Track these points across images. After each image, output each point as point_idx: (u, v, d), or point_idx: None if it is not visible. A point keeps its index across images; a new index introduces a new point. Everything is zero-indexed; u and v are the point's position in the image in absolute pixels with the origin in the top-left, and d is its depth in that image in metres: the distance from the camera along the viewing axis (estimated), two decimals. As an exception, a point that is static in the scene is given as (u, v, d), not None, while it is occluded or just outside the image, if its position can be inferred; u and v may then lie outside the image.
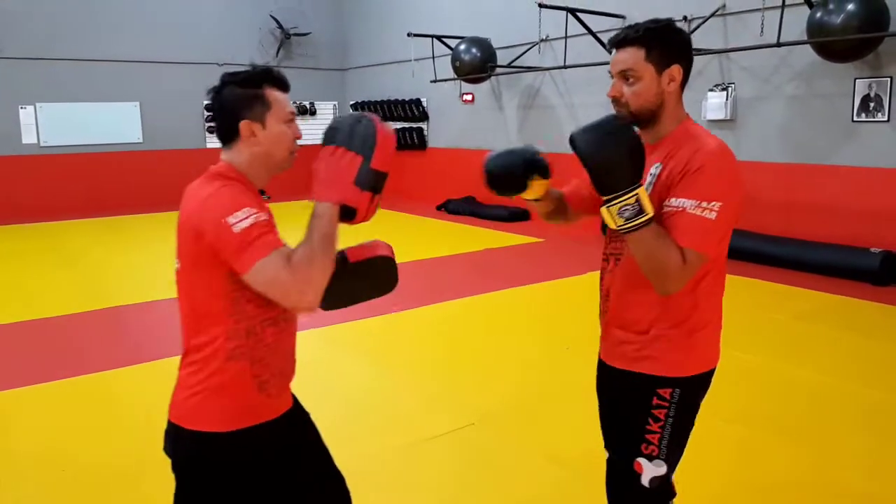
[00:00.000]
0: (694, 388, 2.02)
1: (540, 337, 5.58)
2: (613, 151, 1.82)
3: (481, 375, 4.75)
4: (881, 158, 7.23)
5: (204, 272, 1.78)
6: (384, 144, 1.82)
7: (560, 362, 4.96)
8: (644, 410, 2.00)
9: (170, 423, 1.88)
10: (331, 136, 1.85)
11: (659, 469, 2.00)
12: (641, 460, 2.00)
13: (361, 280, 2.06)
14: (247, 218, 1.70)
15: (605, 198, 1.84)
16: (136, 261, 8.82)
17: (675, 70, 1.92)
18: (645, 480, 2.01)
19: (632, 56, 1.91)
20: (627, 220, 1.81)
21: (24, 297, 7.01)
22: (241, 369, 1.82)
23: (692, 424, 2.07)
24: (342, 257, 1.98)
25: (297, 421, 2.04)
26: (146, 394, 4.51)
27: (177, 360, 1.91)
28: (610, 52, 2.03)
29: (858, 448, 3.62)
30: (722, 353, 2.11)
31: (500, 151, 2.27)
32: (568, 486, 3.32)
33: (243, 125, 1.84)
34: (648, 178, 1.94)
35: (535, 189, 2.17)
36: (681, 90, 1.98)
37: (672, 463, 2.04)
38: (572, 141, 1.86)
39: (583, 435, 3.77)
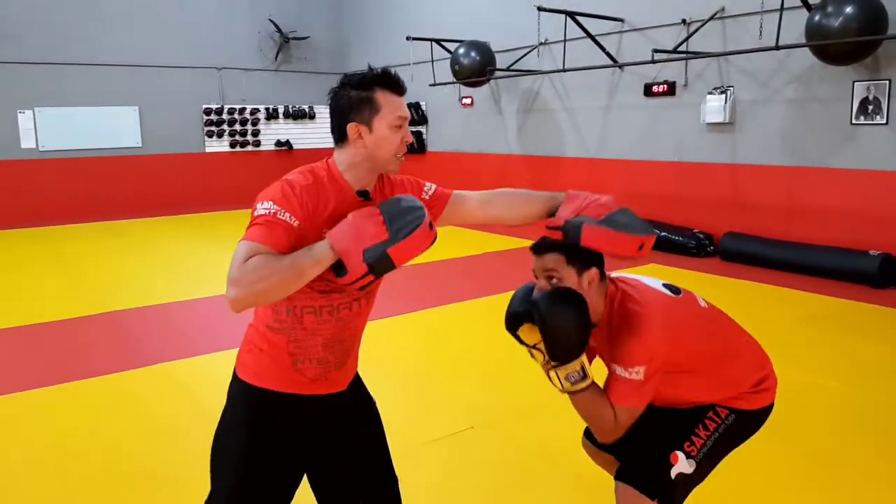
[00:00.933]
0: (746, 420, 2.37)
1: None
2: (572, 325, 2.09)
3: (480, 379, 4.75)
4: (880, 161, 7.23)
5: None
6: (416, 241, 1.80)
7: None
8: (700, 418, 2.31)
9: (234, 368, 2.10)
10: (387, 203, 1.84)
11: (689, 467, 2.24)
12: (679, 453, 2.25)
13: None
14: (268, 209, 1.78)
15: (553, 362, 2.15)
16: (136, 265, 8.81)
17: (593, 273, 2.19)
18: (673, 472, 2.23)
19: (554, 260, 2.18)
20: (573, 384, 2.15)
21: (24, 301, 7.01)
22: (279, 342, 1.97)
23: (731, 449, 2.38)
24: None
25: (345, 408, 2.13)
26: (145, 397, 4.50)
27: (177, 363, 1.92)
28: (532, 253, 2.27)
29: (857, 451, 3.62)
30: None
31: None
32: (568, 490, 3.31)
33: (350, 127, 1.90)
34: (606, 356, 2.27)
35: (528, 336, 2.27)
36: (601, 284, 2.24)
37: (701, 472, 2.29)
38: (535, 305, 2.13)
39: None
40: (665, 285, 2.37)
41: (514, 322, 2.28)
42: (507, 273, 8.02)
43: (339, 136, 1.94)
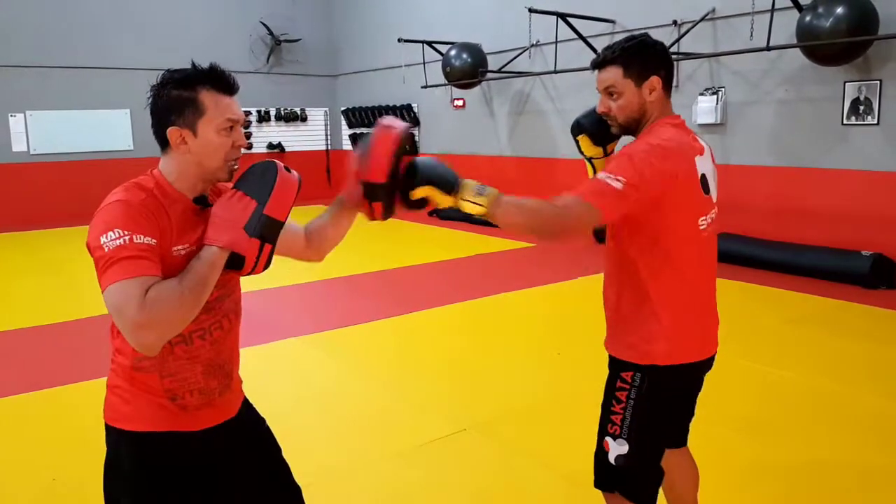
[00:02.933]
0: (660, 377, 2.13)
1: (532, 342, 5.57)
2: (437, 169, 2.02)
3: (473, 381, 4.74)
4: (871, 162, 7.26)
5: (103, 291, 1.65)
6: (282, 190, 1.72)
7: (552, 367, 4.95)
8: (610, 393, 2.19)
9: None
10: (240, 179, 1.76)
11: (622, 448, 2.13)
12: (608, 439, 2.16)
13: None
14: (119, 238, 1.57)
15: (452, 197, 2.00)
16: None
17: (655, 81, 2.10)
18: (611, 458, 2.15)
19: (612, 74, 2.11)
20: (485, 195, 1.98)
21: (14, 305, 6.98)
22: (150, 380, 1.77)
23: (664, 411, 2.19)
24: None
25: (237, 433, 1.94)
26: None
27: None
28: (594, 69, 2.19)
29: (849, 452, 3.63)
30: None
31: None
32: (560, 492, 3.31)
33: (171, 132, 1.72)
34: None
35: (586, 147, 2.34)
36: (666, 95, 2.16)
37: (639, 446, 2.14)
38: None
39: (575, 440, 3.76)
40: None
41: (575, 130, 2.37)
42: (496, 276, 8.02)
43: (161, 141, 1.76)
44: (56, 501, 3.32)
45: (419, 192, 2.00)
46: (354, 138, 15.36)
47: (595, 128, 2.31)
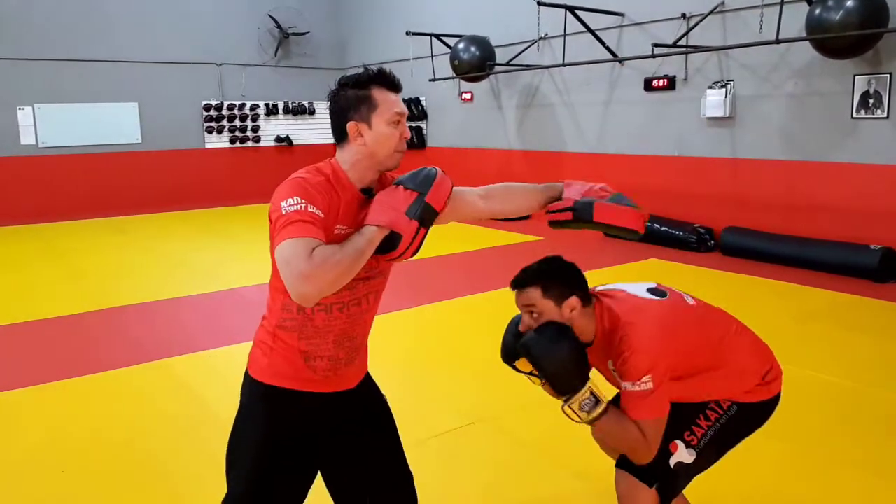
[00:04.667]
0: (750, 411, 2.38)
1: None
2: (565, 357, 2.16)
3: (480, 375, 4.75)
4: (880, 155, 7.22)
5: (273, 248, 1.86)
6: (441, 185, 1.96)
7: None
8: (701, 408, 2.33)
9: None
10: (400, 177, 1.98)
11: (689, 457, 2.26)
12: (679, 442, 2.26)
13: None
14: (295, 205, 1.80)
15: (564, 398, 2.19)
16: (136, 261, 8.81)
17: (573, 301, 2.24)
18: (672, 460, 2.25)
19: (530, 295, 2.26)
20: (589, 412, 2.15)
21: (24, 298, 7.01)
22: (291, 340, 1.99)
23: (735, 442, 2.41)
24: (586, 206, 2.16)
25: (355, 404, 2.16)
26: (148, 394, 4.51)
27: (180, 359, 1.92)
28: (513, 289, 2.34)
29: (859, 446, 3.62)
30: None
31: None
32: (569, 485, 3.31)
33: (350, 126, 1.94)
34: (613, 373, 2.28)
35: (525, 366, 2.34)
36: (588, 304, 2.29)
37: (702, 462, 2.31)
38: (525, 349, 2.21)
39: (584, 435, 3.76)
40: (650, 290, 2.40)
41: (509, 358, 2.41)
42: (506, 268, 7.99)
43: (340, 135, 1.98)
44: (65, 493, 3.34)
45: (524, 364, 2.31)
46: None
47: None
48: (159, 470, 3.54)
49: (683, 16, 8.71)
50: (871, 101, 7.20)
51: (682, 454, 2.25)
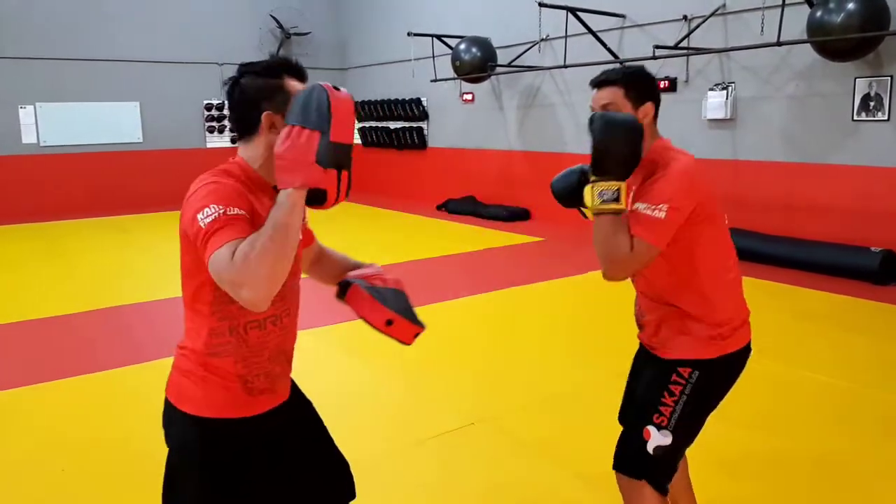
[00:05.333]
0: (714, 371, 2.28)
1: (540, 337, 5.57)
2: (622, 141, 2.11)
3: (481, 375, 4.75)
4: (881, 158, 7.22)
5: (191, 269, 1.76)
6: (339, 112, 1.66)
7: (560, 362, 4.96)
8: (663, 385, 2.26)
9: (165, 398, 1.93)
10: (288, 116, 1.71)
11: (664, 439, 2.22)
12: (650, 428, 2.23)
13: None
14: (213, 213, 1.62)
15: (593, 177, 2.13)
16: (137, 261, 8.82)
17: (649, 107, 2.27)
18: (650, 447, 2.23)
19: (612, 93, 2.25)
20: (603, 201, 2.10)
21: (24, 297, 7.01)
22: (225, 365, 1.83)
23: (711, 407, 2.33)
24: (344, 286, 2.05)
25: (291, 412, 2.03)
26: (147, 393, 4.51)
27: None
28: (592, 87, 2.32)
29: (859, 447, 3.62)
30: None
31: (561, 174, 2.56)
32: (569, 486, 3.32)
33: (265, 116, 1.77)
34: (631, 194, 2.25)
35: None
36: (654, 123, 2.32)
37: (680, 439, 2.25)
38: (592, 119, 2.15)
39: (584, 434, 3.78)
40: None
41: (567, 193, 2.43)
42: (507, 270, 8.02)
43: (248, 128, 1.82)
44: (65, 492, 3.35)
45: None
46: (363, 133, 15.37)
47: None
48: (159, 470, 3.53)
49: (685, 17, 8.71)
50: (872, 103, 7.20)
51: (657, 438, 2.22)
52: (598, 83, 2.29)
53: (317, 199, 1.67)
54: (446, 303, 6.50)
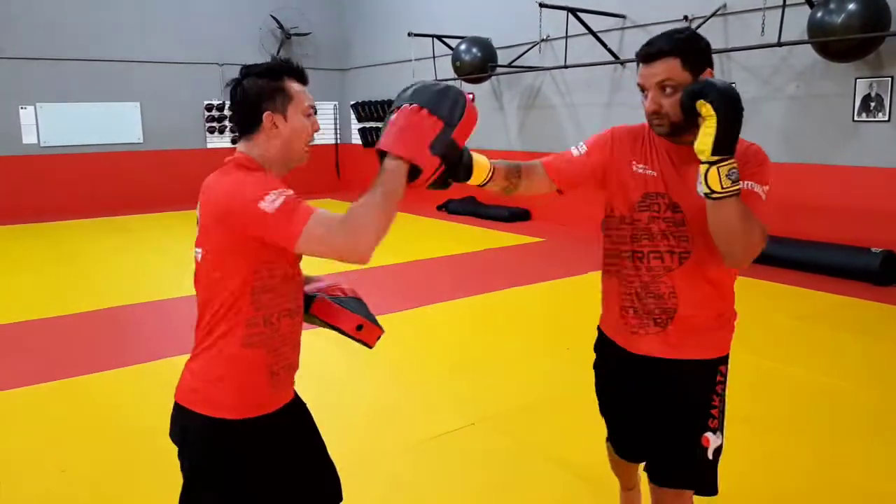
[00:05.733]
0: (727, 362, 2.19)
1: (540, 337, 5.57)
2: (740, 115, 1.86)
3: (481, 376, 4.75)
4: (882, 158, 7.22)
5: (229, 261, 1.82)
6: (469, 119, 1.80)
7: (561, 363, 4.95)
8: (711, 387, 2.11)
9: (179, 408, 1.91)
10: (412, 96, 1.79)
11: (719, 440, 2.12)
12: (708, 434, 2.09)
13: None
14: (278, 198, 1.70)
15: (715, 157, 1.83)
16: (137, 261, 8.81)
17: (709, 74, 1.97)
18: (710, 453, 2.09)
19: (668, 66, 1.94)
20: (733, 182, 1.83)
21: (25, 297, 7.01)
22: (257, 357, 1.86)
23: None
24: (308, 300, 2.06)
25: (295, 413, 2.06)
26: (148, 393, 4.50)
27: (180, 358, 1.91)
28: (638, 66, 2.04)
29: (860, 448, 3.62)
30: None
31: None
32: (568, 487, 3.31)
33: (266, 116, 1.87)
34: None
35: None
36: None
37: (722, 433, 2.16)
38: (712, 87, 1.83)
39: (584, 435, 3.77)
40: None
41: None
42: (505, 271, 8.02)
43: (250, 126, 1.91)
44: (65, 493, 3.34)
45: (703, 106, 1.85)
46: (364, 133, 15.38)
47: None
48: (159, 470, 3.54)
49: (685, 18, 8.71)
50: (873, 104, 7.20)
51: (714, 441, 2.10)
52: (649, 56, 1.97)
53: (411, 175, 1.76)
54: (447, 303, 6.49)
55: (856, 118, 7.37)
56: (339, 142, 16.21)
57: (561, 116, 10.93)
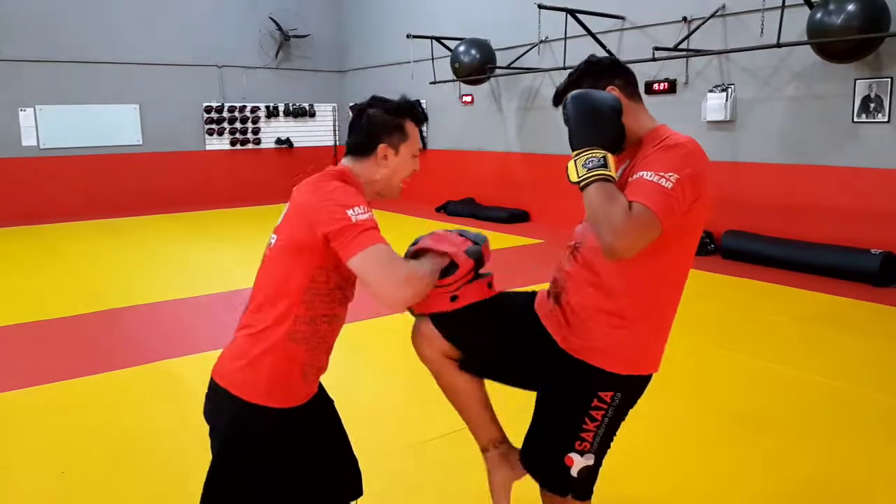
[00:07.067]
0: (631, 391, 2.14)
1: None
2: (604, 111, 1.95)
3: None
4: (881, 159, 7.22)
5: (300, 258, 1.95)
6: (488, 248, 2.26)
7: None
8: (583, 410, 2.10)
9: (215, 386, 2.03)
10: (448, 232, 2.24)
11: (588, 461, 2.13)
12: (573, 455, 2.12)
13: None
14: (363, 213, 1.90)
15: (575, 151, 1.94)
16: (137, 262, 8.81)
17: (611, 89, 2.10)
18: (574, 472, 2.13)
19: None
20: (588, 170, 1.88)
21: (23, 299, 7.00)
22: (297, 353, 2.00)
23: (622, 421, 2.18)
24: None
25: (321, 406, 2.22)
26: (148, 395, 4.50)
27: (178, 361, 1.92)
28: (556, 107, 2.24)
29: (860, 449, 3.62)
30: (721, 355, 2.16)
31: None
32: (568, 487, 3.30)
33: (381, 147, 2.10)
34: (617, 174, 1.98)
35: None
36: (637, 101, 2.15)
37: (602, 455, 2.17)
38: (570, 97, 2.04)
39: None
40: None
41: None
42: (504, 272, 8.01)
43: (365, 150, 2.11)
44: (65, 495, 3.34)
45: None
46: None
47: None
48: (159, 471, 3.54)
49: (684, 19, 8.71)
50: (872, 105, 7.20)
51: (580, 462, 2.12)
52: (556, 100, 2.24)
53: (447, 272, 2.13)
54: (446, 305, 6.47)
55: (855, 119, 7.37)
56: (337, 143, 16.20)
57: (560, 118, 10.88)
